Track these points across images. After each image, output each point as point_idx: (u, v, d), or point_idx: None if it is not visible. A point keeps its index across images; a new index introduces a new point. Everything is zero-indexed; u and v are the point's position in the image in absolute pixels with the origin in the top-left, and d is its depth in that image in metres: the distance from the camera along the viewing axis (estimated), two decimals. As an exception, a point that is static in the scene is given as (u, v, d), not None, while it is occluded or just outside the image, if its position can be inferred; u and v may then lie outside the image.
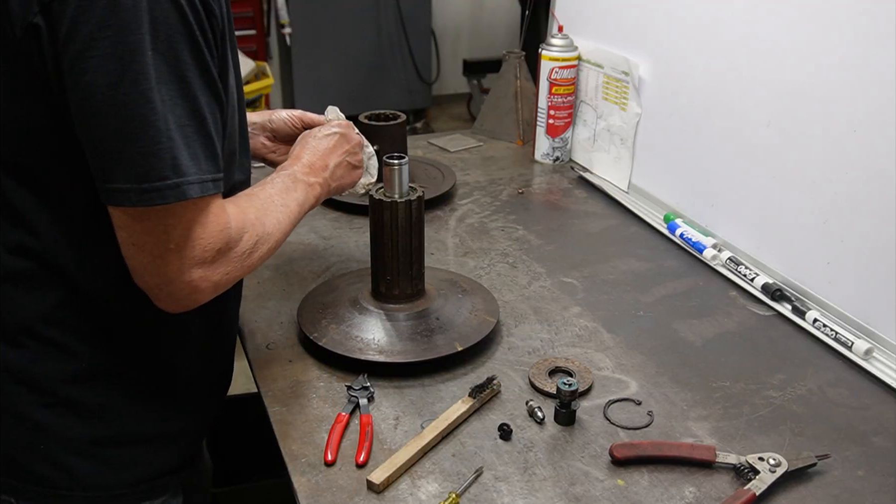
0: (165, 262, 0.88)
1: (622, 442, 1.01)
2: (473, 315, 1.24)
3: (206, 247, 0.90)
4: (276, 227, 1.02)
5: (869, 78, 1.19)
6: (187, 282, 0.90)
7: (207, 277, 0.91)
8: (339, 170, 1.19)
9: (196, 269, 0.90)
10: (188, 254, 0.88)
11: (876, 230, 1.20)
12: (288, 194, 1.07)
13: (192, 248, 0.89)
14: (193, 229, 0.88)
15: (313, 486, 0.96)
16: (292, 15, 4.72)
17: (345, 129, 1.23)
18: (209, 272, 0.91)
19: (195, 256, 0.89)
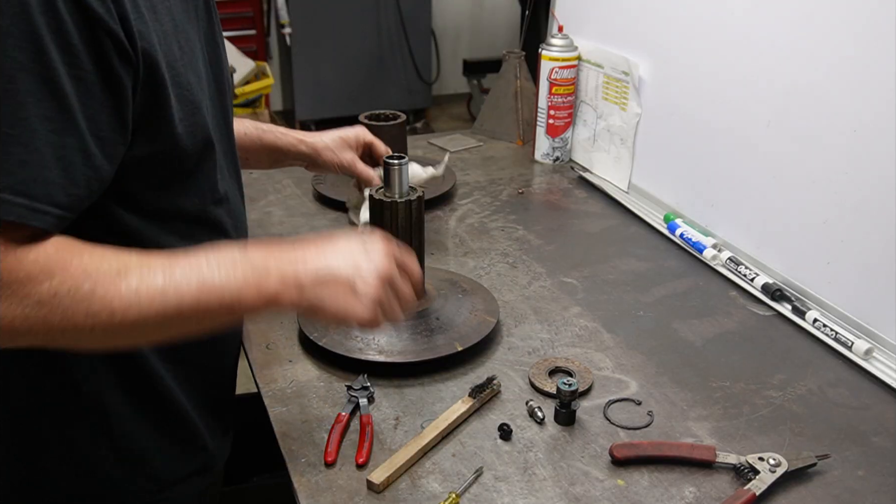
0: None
1: (622, 442, 1.01)
2: (473, 315, 1.24)
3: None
4: (128, 302, 0.78)
5: (869, 78, 1.19)
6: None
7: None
8: (329, 287, 0.87)
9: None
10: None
11: (876, 230, 1.20)
12: (196, 269, 0.81)
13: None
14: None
15: (313, 486, 0.96)
16: (292, 15, 4.72)
17: (375, 250, 0.91)
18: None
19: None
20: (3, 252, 0.74)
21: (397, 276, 0.91)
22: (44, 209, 0.76)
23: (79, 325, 0.77)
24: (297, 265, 0.85)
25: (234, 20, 4.86)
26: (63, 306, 0.76)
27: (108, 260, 0.79)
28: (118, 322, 0.78)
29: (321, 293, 0.85)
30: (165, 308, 0.79)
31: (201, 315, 0.81)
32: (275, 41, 5.13)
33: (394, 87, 5.12)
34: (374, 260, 0.89)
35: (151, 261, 0.81)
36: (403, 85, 5.16)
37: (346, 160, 1.37)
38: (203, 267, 0.81)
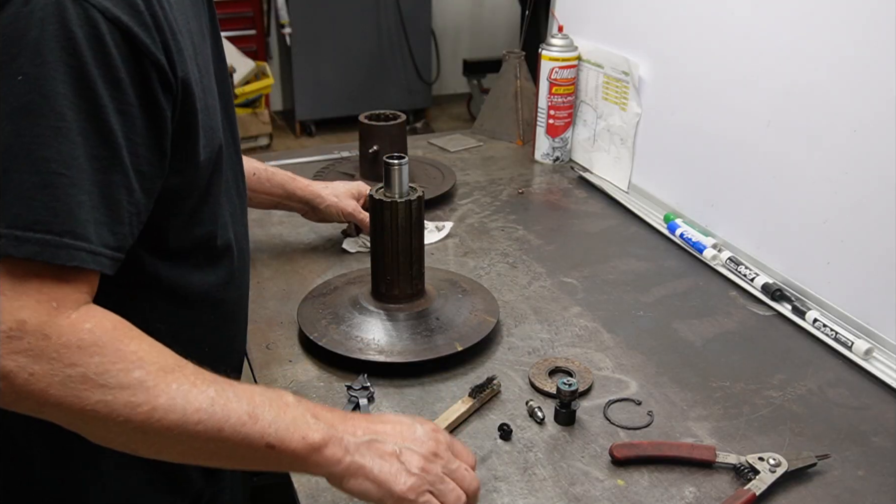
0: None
1: (622, 442, 1.01)
2: (473, 315, 1.24)
3: (4, 307, 0.70)
4: (173, 403, 0.73)
5: (869, 78, 1.19)
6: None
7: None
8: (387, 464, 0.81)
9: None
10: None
11: (876, 230, 1.20)
12: (249, 397, 0.77)
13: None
14: (2, 283, 0.71)
15: (313, 486, 0.96)
16: (292, 15, 4.73)
17: (454, 459, 0.85)
18: (3, 349, 0.70)
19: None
20: (57, 310, 0.71)
21: (449, 456, 0.85)
22: (100, 251, 0.75)
23: (114, 413, 0.72)
24: (346, 424, 0.82)
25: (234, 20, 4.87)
26: (106, 387, 0.71)
27: (164, 355, 0.76)
28: (156, 421, 0.73)
29: (366, 456, 0.80)
30: (209, 423, 0.74)
31: (240, 444, 0.76)
32: (275, 41, 5.13)
33: (394, 87, 5.12)
34: (423, 434, 0.84)
35: (206, 373, 0.77)
36: (403, 85, 5.16)
37: (349, 206, 1.46)
38: (256, 398, 0.78)
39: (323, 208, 1.46)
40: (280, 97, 5.31)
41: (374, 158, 1.70)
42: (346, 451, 0.79)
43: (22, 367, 0.70)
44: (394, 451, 0.81)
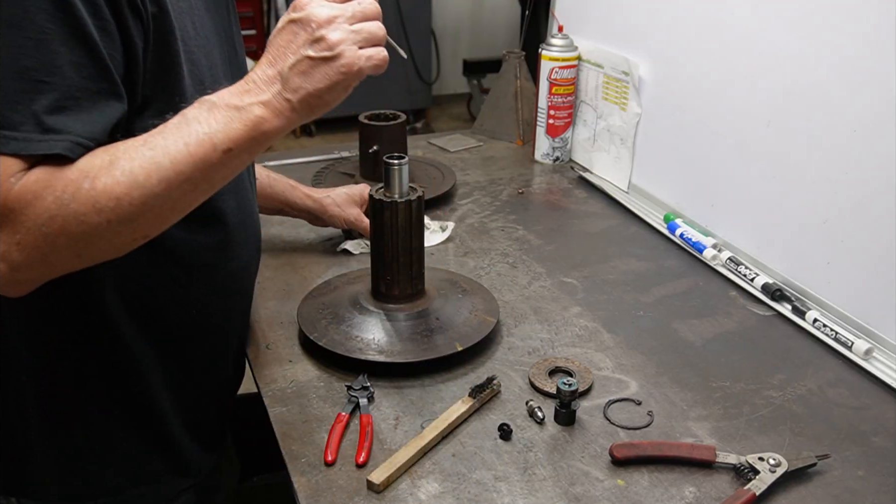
0: None
1: (622, 442, 1.01)
2: (473, 315, 1.24)
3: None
4: (123, 182, 0.79)
5: (869, 78, 1.19)
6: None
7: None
8: (296, 72, 0.82)
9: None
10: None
11: (876, 230, 1.20)
12: (177, 131, 0.81)
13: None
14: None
15: (313, 486, 0.96)
16: (292, 15, 4.72)
17: (302, 12, 0.84)
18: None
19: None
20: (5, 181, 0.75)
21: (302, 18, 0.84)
22: (80, 142, 0.79)
23: (94, 225, 0.78)
24: (264, 81, 0.83)
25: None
26: (73, 211, 0.77)
27: (97, 156, 0.80)
28: (127, 206, 0.79)
29: (299, 82, 0.82)
30: (164, 175, 0.79)
31: (202, 167, 0.81)
32: (275, 41, 5.12)
33: (394, 87, 5.12)
34: (287, 33, 0.85)
35: (134, 141, 0.81)
36: (403, 85, 5.16)
37: (352, 215, 1.47)
38: (182, 126, 0.81)
39: (326, 218, 1.47)
40: (280, 97, 5.31)
41: (374, 158, 1.70)
42: (281, 98, 0.82)
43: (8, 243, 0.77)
44: (306, 61, 0.82)
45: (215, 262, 1.04)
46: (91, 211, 0.78)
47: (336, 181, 1.75)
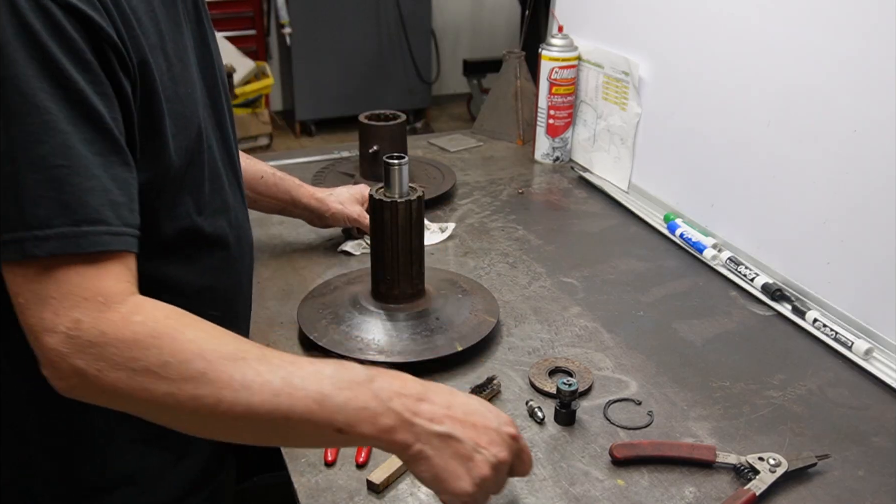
0: (26, 323, 0.75)
1: (622, 442, 1.01)
2: (473, 315, 1.24)
3: (60, 313, 0.73)
4: (237, 396, 0.73)
5: (869, 78, 1.19)
6: (47, 349, 0.74)
7: (63, 354, 0.73)
8: (445, 448, 0.78)
9: (48, 336, 0.73)
10: (37, 315, 0.74)
11: (876, 230, 1.20)
12: (317, 380, 0.76)
13: (41, 311, 0.73)
14: (43, 288, 0.74)
15: (313, 486, 0.96)
16: (292, 15, 4.72)
17: (513, 442, 0.82)
18: (67, 349, 0.73)
19: (44, 321, 0.73)
20: (106, 304, 0.73)
21: (517, 462, 0.83)
22: (122, 230, 0.76)
23: (182, 405, 0.73)
24: (424, 407, 0.79)
25: (234, 20, 4.87)
26: (170, 380, 0.73)
27: (224, 342, 0.76)
28: (223, 411, 0.73)
29: (437, 448, 0.78)
30: (276, 413, 0.74)
31: (309, 430, 0.76)
32: (275, 41, 5.13)
33: (394, 87, 5.12)
34: (501, 439, 0.81)
35: (271, 357, 0.77)
36: (403, 85, 5.16)
37: (354, 212, 1.47)
38: (325, 381, 0.76)
39: (328, 216, 1.47)
40: (280, 97, 5.31)
41: (374, 158, 1.70)
42: (416, 439, 0.77)
43: (89, 364, 0.73)
44: (466, 454, 0.79)
45: (213, 284, 1.03)
46: (187, 393, 0.73)
47: (336, 181, 1.75)
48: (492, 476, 0.80)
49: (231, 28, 4.80)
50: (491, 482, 0.80)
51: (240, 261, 1.08)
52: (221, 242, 1.03)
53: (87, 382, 0.74)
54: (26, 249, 0.72)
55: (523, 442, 0.84)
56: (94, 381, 0.73)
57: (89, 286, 0.74)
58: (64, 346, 0.73)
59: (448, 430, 0.78)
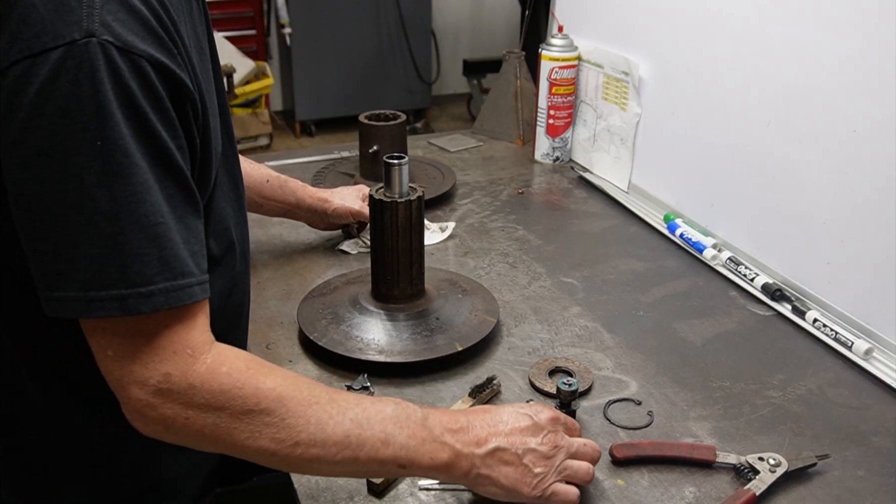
0: (111, 375, 0.79)
1: (622, 442, 1.01)
2: (473, 315, 1.24)
3: (149, 365, 0.78)
4: (313, 438, 0.80)
5: (869, 78, 1.19)
6: (134, 399, 0.78)
7: (150, 402, 0.78)
8: (504, 466, 0.86)
9: (135, 388, 0.78)
10: (127, 367, 0.78)
11: (876, 230, 1.20)
12: (380, 421, 0.83)
13: (132, 364, 0.78)
14: (137, 343, 0.78)
15: (313, 486, 0.96)
16: (292, 15, 4.72)
17: (562, 440, 0.90)
18: (155, 398, 0.78)
19: (133, 372, 0.78)
20: (193, 357, 0.78)
21: (567, 440, 0.90)
22: (203, 279, 0.81)
23: (262, 448, 0.79)
24: (470, 436, 0.86)
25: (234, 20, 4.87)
26: (252, 427, 0.79)
27: (300, 387, 0.82)
28: (298, 455, 0.80)
29: (491, 466, 0.86)
30: (346, 453, 0.81)
31: (374, 466, 0.84)
32: (275, 41, 5.13)
33: (394, 87, 5.12)
34: (541, 427, 0.89)
35: (339, 399, 0.83)
36: (403, 85, 5.16)
37: (356, 206, 1.49)
38: (388, 423, 0.83)
39: (331, 212, 1.48)
40: (280, 97, 5.31)
41: (374, 158, 1.70)
42: (472, 465, 0.85)
43: (178, 413, 0.78)
44: (516, 455, 0.86)
45: (224, 304, 1.02)
46: (267, 437, 0.79)
47: (336, 181, 1.75)
48: (549, 462, 0.87)
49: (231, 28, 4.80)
50: (553, 466, 0.87)
51: (244, 276, 1.09)
52: (228, 262, 1.03)
53: (174, 429, 0.79)
54: (130, 306, 0.75)
55: (568, 418, 0.92)
56: (182, 428, 0.79)
57: (179, 339, 0.79)
58: (154, 398, 0.78)
59: (493, 445, 0.86)
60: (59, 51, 0.71)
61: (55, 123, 0.72)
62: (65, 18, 0.72)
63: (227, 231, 1.03)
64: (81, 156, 0.72)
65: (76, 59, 0.71)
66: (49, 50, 0.71)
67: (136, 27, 0.75)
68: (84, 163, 0.72)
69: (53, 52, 0.71)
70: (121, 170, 0.74)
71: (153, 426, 0.80)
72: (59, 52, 0.71)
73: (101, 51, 0.72)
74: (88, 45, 0.71)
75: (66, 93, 0.71)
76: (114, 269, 0.74)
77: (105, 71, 0.72)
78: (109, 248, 0.74)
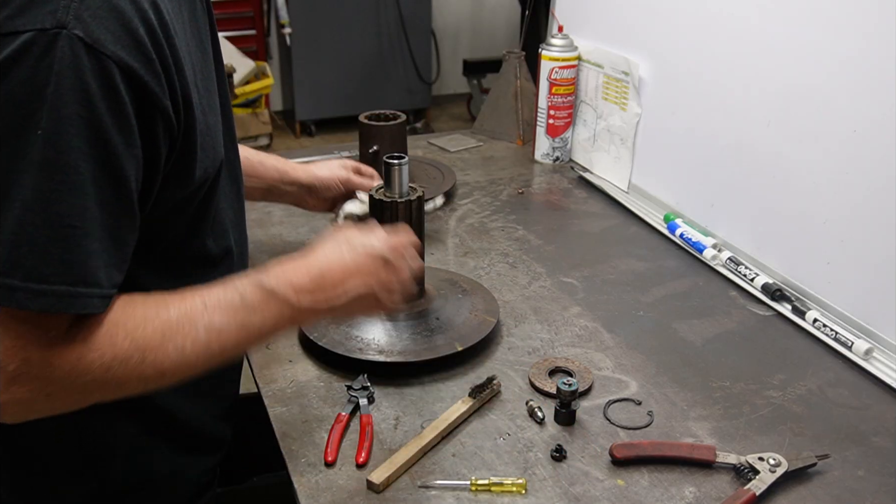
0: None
1: (622, 442, 1.01)
2: (473, 315, 1.24)
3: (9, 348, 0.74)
4: (177, 367, 0.82)
5: (869, 78, 1.19)
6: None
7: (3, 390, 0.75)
8: (357, 303, 0.95)
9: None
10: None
11: (876, 230, 1.20)
12: (233, 314, 0.85)
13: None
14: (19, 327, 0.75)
15: (313, 486, 0.96)
16: (292, 15, 4.72)
17: (394, 256, 0.97)
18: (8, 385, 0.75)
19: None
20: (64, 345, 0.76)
21: (394, 264, 0.97)
22: (109, 293, 0.79)
23: (132, 388, 0.81)
24: (319, 295, 0.91)
25: (234, 20, 4.87)
26: (117, 377, 0.79)
27: (150, 323, 0.81)
28: (168, 379, 0.83)
29: (348, 308, 0.94)
30: (211, 357, 0.85)
31: (241, 351, 0.92)
32: (275, 41, 5.13)
33: (394, 87, 5.12)
34: (375, 266, 0.96)
35: (192, 312, 0.84)
36: (403, 85, 5.16)
37: (342, 175, 1.42)
38: (240, 311, 0.86)
39: (318, 184, 1.39)
40: (280, 97, 5.31)
41: (374, 158, 1.70)
42: (322, 312, 0.93)
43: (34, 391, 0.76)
44: (371, 300, 0.96)
45: None
46: (134, 380, 0.80)
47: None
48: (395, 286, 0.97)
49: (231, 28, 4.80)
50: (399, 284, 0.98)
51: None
52: (226, 263, 1.03)
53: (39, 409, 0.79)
54: (17, 299, 0.73)
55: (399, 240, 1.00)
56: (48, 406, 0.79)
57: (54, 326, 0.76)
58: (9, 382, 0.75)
59: (352, 294, 0.93)
60: (28, 35, 0.71)
61: (3, 104, 0.71)
62: (43, 6, 0.72)
63: (226, 232, 1.03)
64: (20, 140, 0.71)
65: (41, 47, 0.71)
66: (19, 32, 0.71)
67: (114, 27, 0.74)
68: (20, 147, 0.71)
69: (22, 35, 0.71)
70: (53, 164, 0.72)
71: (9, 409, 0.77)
72: (26, 35, 0.71)
73: (67, 44, 0.71)
74: (57, 35, 0.71)
75: (23, 77, 0.71)
76: (11, 255, 0.72)
77: (66, 64, 0.71)
78: (15, 236, 0.72)
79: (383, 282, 0.96)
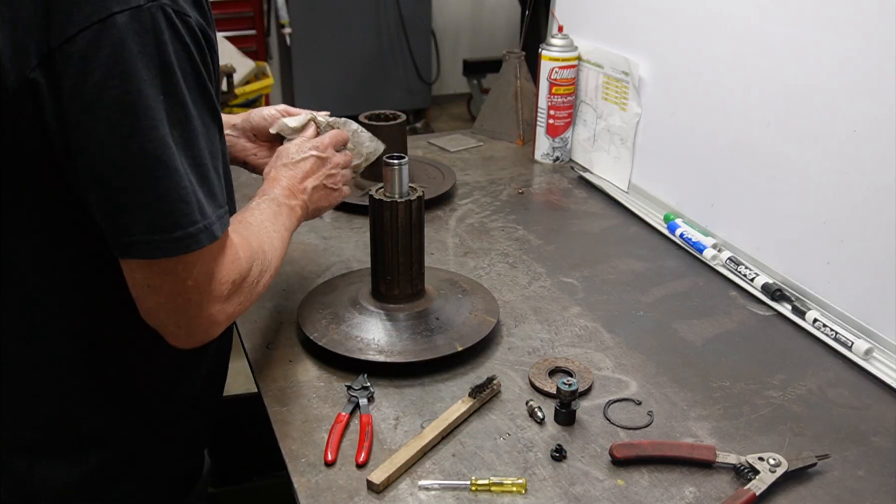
0: (185, 301, 0.88)
1: (622, 442, 1.01)
2: (473, 315, 1.24)
3: (223, 281, 0.91)
4: (274, 254, 1.03)
5: (869, 78, 1.19)
6: (206, 317, 0.90)
7: (224, 310, 0.92)
8: (316, 193, 1.17)
9: (215, 305, 0.90)
10: (207, 290, 0.89)
11: (876, 230, 1.20)
12: (276, 219, 1.07)
13: (211, 285, 0.89)
14: (211, 266, 0.89)
15: (313, 486, 0.96)
16: (292, 15, 4.72)
17: (321, 152, 1.19)
18: (226, 305, 0.92)
19: (213, 291, 0.90)
20: (227, 257, 0.92)
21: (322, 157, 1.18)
22: (226, 210, 0.92)
23: (266, 286, 1.02)
24: (298, 196, 1.14)
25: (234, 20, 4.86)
26: (264, 279, 1.00)
27: (252, 232, 1.02)
28: (275, 272, 1.04)
29: (316, 199, 1.17)
30: (284, 249, 1.07)
31: (288, 243, 1.10)
32: (275, 41, 5.12)
33: (394, 87, 5.12)
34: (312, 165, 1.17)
35: (264, 223, 1.05)
36: (403, 85, 5.15)
37: (278, 107, 1.41)
38: (278, 217, 1.08)
39: (254, 114, 1.38)
40: (280, 97, 5.31)
41: (374, 158, 1.69)
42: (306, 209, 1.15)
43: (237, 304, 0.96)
44: (322, 189, 1.18)
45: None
46: (268, 271, 1.01)
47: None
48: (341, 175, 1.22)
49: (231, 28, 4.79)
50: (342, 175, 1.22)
51: None
52: None
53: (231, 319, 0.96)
54: (215, 232, 0.87)
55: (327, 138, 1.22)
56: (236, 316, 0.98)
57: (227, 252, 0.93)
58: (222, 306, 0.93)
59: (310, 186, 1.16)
60: (125, 14, 0.78)
61: (128, 81, 0.78)
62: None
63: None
64: (155, 109, 0.80)
65: (142, 22, 0.78)
66: (115, 14, 0.77)
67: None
68: (158, 116, 0.80)
69: (119, 16, 0.77)
70: (184, 119, 0.83)
71: (212, 330, 0.93)
72: (124, 15, 0.78)
73: (162, 14, 0.80)
74: (151, 8, 0.79)
75: (136, 53, 0.78)
76: (200, 202, 0.85)
77: (167, 32, 0.80)
78: (190, 184, 0.84)
79: (325, 174, 1.18)
